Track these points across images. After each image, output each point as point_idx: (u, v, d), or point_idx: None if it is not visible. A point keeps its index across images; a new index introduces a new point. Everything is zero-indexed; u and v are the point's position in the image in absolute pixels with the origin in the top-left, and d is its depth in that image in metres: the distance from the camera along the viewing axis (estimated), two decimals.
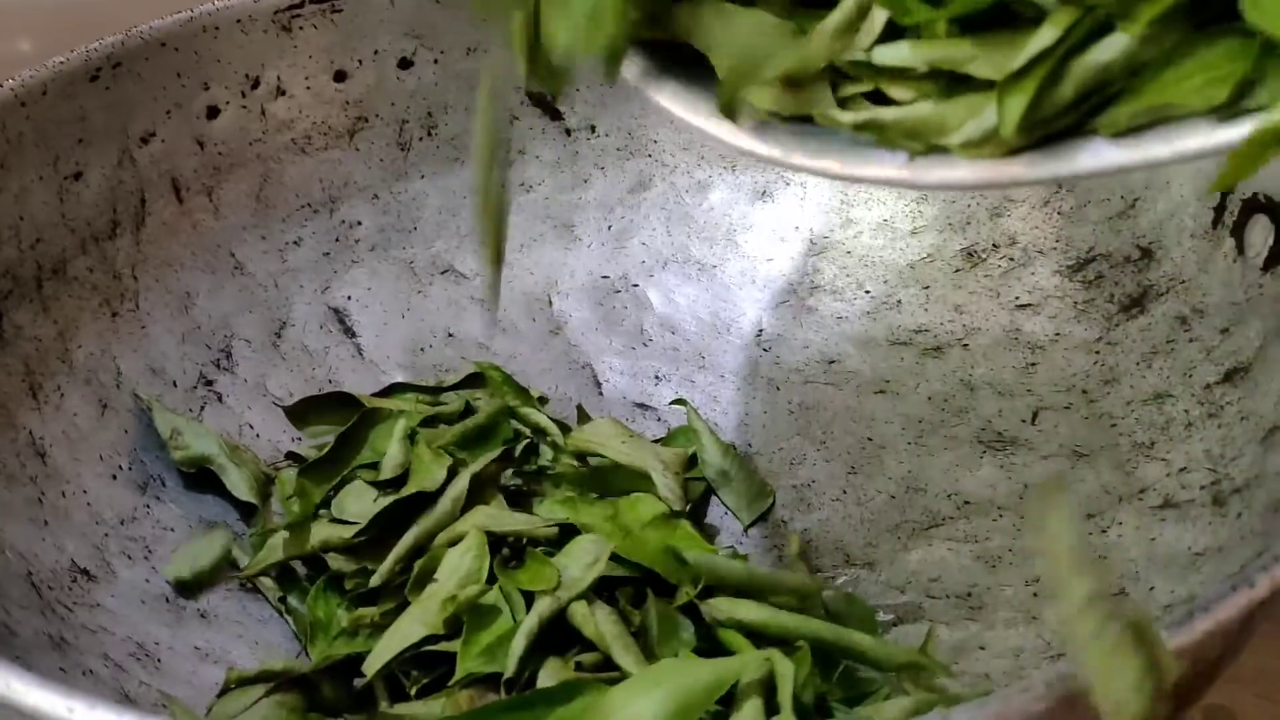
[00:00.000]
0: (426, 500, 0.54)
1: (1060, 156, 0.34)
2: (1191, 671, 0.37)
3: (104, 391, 0.59)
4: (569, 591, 0.49)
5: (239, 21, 0.63)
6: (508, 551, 0.52)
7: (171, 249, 0.63)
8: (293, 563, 0.54)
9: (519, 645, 0.47)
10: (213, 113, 0.64)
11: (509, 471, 0.57)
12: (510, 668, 0.47)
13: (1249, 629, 0.39)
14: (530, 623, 0.47)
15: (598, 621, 0.48)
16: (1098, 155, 0.34)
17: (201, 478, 0.58)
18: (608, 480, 0.56)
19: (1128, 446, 0.57)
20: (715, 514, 0.59)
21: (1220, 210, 0.56)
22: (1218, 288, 0.56)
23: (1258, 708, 0.59)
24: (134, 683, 0.49)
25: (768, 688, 0.44)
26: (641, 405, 0.64)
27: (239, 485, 0.57)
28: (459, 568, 0.50)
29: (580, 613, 0.48)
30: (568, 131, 0.69)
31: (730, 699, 0.44)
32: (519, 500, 0.56)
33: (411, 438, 0.57)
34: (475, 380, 0.63)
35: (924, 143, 0.36)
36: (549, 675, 0.46)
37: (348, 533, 0.53)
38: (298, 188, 0.66)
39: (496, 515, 0.53)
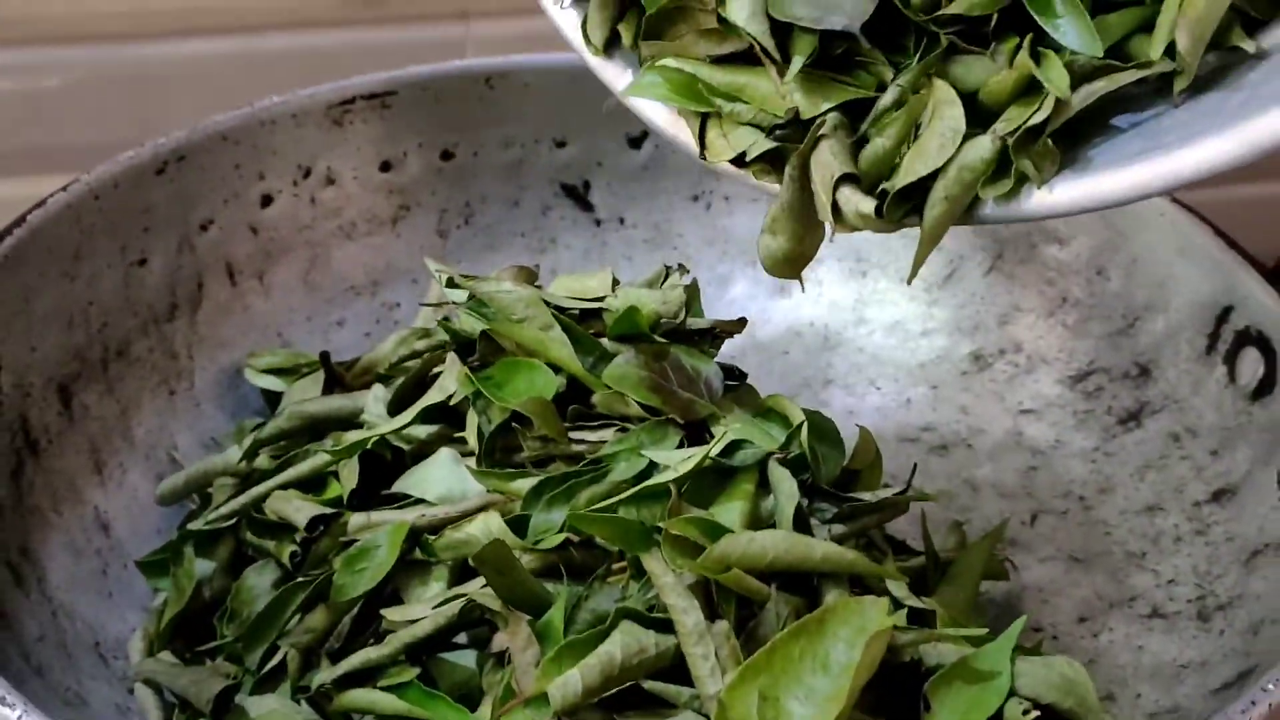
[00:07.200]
0: None
1: None
2: None
3: (161, 466, 0.62)
4: None
5: (294, 115, 0.67)
6: None
7: (224, 329, 0.66)
8: None
9: None
10: (267, 201, 0.67)
11: None
12: None
13: None
14: None
15: None
16: None
17: None
18: None
19: (1120, 555, 0.61)
20: None
21: (1214, 338, 0.61)
22: (1209, 411, 0.60)
23: None
24: None
25: None
26: None
27: None
28: None
29: None
30: (597, 222, 0.73)
31: None
32: None
33: None
34: None
35: None
36: None
37: None
38: (343, 271, 0.70)
39: None
